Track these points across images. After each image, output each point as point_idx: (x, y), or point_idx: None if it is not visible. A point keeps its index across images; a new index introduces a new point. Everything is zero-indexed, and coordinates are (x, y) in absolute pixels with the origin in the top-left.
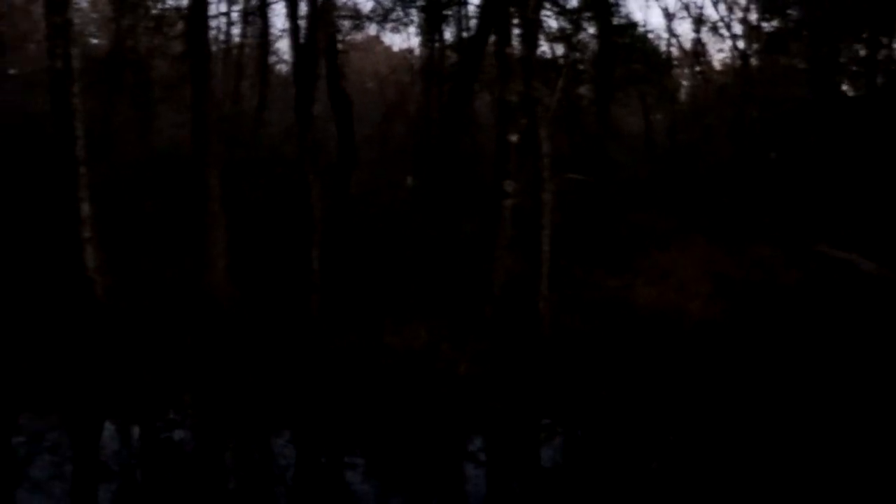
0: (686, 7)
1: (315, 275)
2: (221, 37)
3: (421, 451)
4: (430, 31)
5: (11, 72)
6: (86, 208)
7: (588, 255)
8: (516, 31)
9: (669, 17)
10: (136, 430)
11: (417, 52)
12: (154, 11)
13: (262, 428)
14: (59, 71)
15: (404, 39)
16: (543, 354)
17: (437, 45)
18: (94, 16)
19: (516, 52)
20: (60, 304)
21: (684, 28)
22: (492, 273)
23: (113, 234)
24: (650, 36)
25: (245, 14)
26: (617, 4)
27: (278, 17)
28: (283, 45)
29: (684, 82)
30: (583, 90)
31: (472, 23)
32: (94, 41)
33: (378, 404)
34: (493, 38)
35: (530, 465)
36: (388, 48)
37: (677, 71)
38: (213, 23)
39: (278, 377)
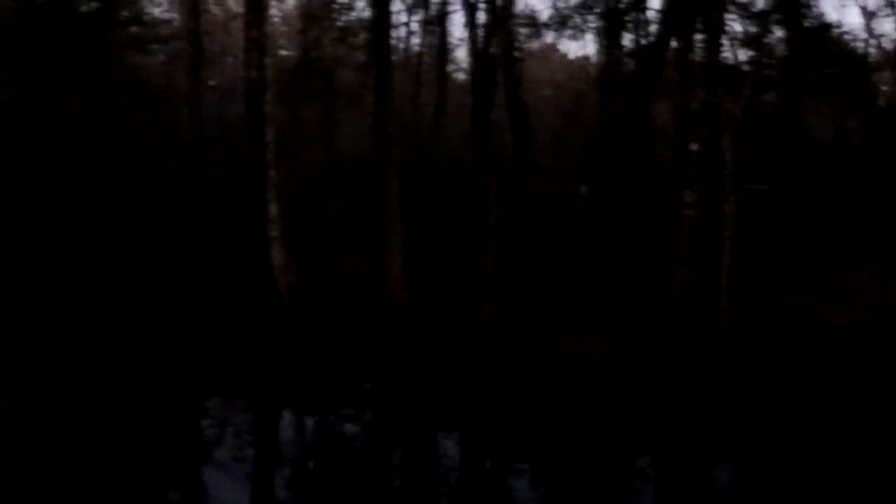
0: (891, 4)
1: (489, 280)
2: (401, 45)
3: (589, 461)
4: (608, 37)
5: (211, 83)
6: (273, 209)
7: (771, 270)
8: (699, 35)
9: (869, 15)
10: (312, 422)
11: (594, 59)
12: (339, 23)
13: (432, 428)
14: (254, 81)
15: (581, 46)
16: (720, 369)
17: (615, 51)
18: (284, 29)
19: (699, 58)
20: (247, 300)
21: (886, 27)
22: (669, 284)
23: (297, 234)
24: (846, 37)
25: (424, 23)
26: (808, 6)
27: (456, 27)
28: (461, 54)
29: (884, 86)
30: (769, 97)
31: (652, 28)
32: (284, 53)
33: (550, 412)
34: (674, 44)
35: (698, 485)
36: (565, 55)
37: (877, 74)
38: (393, 32)
39: (451, 380)
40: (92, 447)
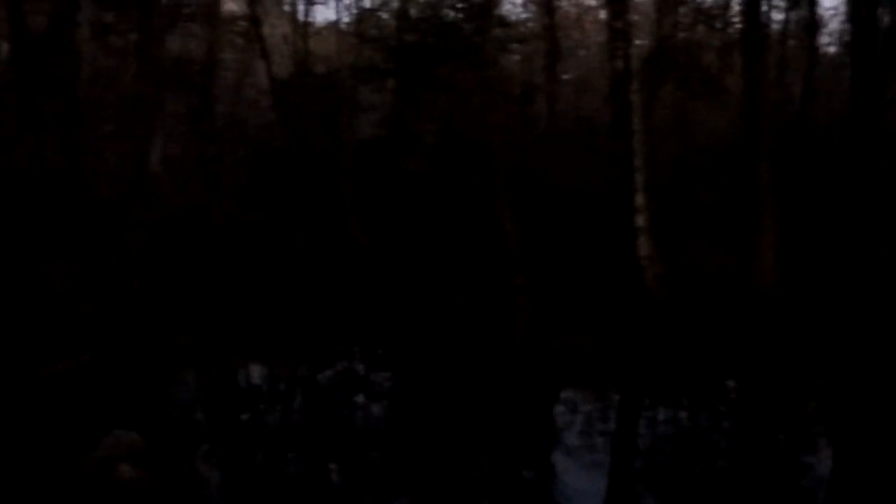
0: None
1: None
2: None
3: None
4: None
5: (565, 77)
6: (640, 198)
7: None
8: None
9: None
10: (670, 415)
11: None
12: (698, 5)
13: (807, 436)
14: (619, 71)
15: None
16: None
17: None
18: (636, 17)
19: None
20: (613, 291)
21: None
22: None
23: (660, 224)
24: None
25: None
26: None
27: None
28: (833, 26)
29: None
30: None
31: None
32: (637, 42)
33: None
34: None
35: None
36: None
37: None
38: None
39: (831, 384)
40: (456, 421)
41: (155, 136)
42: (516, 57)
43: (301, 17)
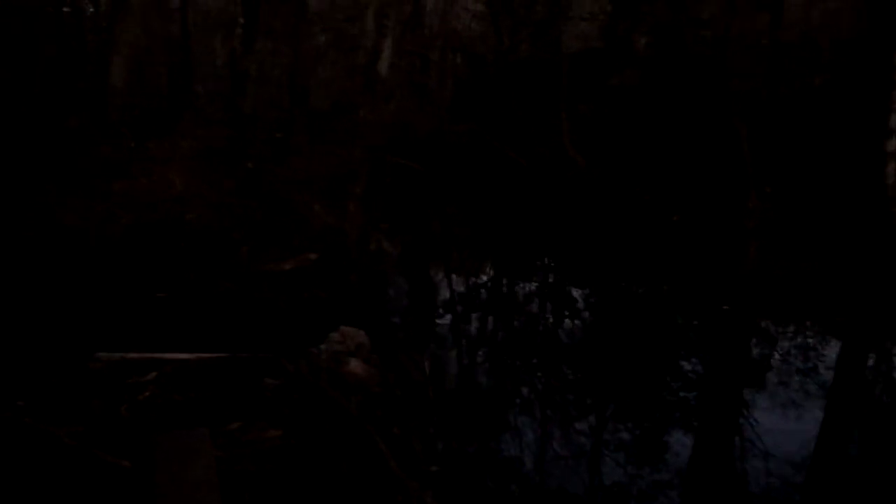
0: None
1: None
2: None
3: None
4: None
5: None
6: (894, 119)
7: None
8: None
9: None
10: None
11: None
12: None
13: None
14: None
15: None
16: None
17: None
18: None
19: None
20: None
21: None
22: None
23: None
24: None
25: None
26: None
27: None
28: None
29: None
30: None
31: None
32: None
33: None
34: None
35: None
36: None
37: None
38: None
39: None
40: (652, 347)
41: (384, 41)
42: None
43: None
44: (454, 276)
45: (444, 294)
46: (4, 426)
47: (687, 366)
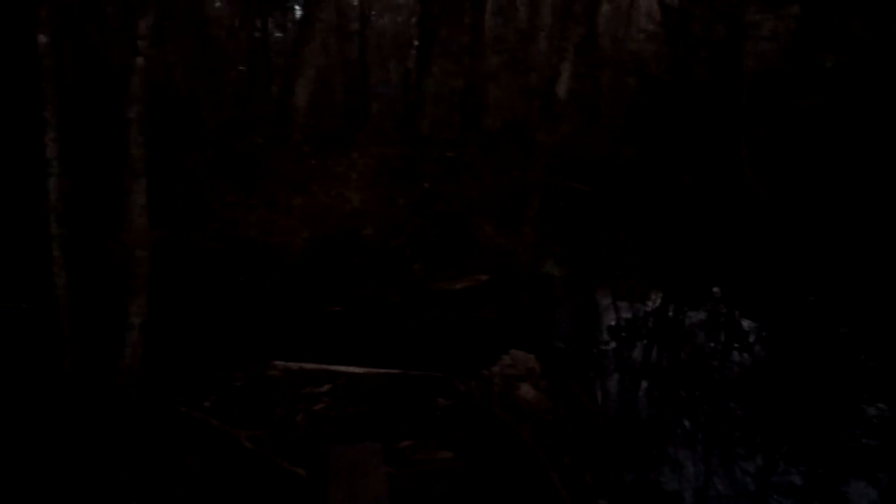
0: None
1: None
2: None
3: None
4: None
5: None
6: None
7: None
8: None
9: None
10: None
11: None
12: None
13: None
14: None
15: None
16: None
17: None
18: None
19: None
20: None
21: None
22: None
23: None
24: None
25: None
26: None
27: None
28: None
29: None
30: None
31: None
32: None
33: None
34: None
35: None
36: None
37: None
38: None
39: None
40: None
41: (563, 62)
42: None
43: None
44: (621, 303)
45: (610, 319)
46: (193, 425)
47: (872, 410)
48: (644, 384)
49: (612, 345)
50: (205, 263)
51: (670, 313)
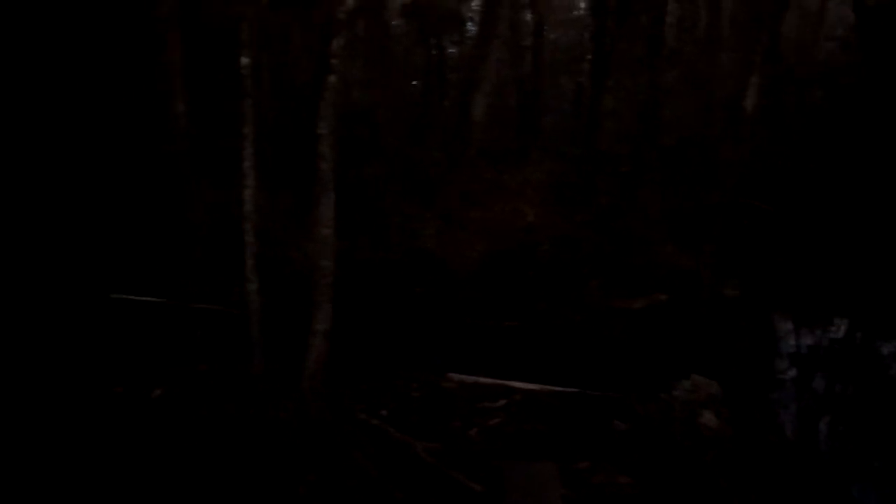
0: None
1: None
2: None
3: None
4: None
5: None
6: None
7: None
8: None
9: None
10: None
11: None
12: None
13: None
14: None
15: None
16: None
17: None
18: None
19: None
20: None
21: None
22: None
23: None
24: None
25: None
26: None
27: None
28: None
29: None
30: None
31: None
32: None
33: None
34: None
35: None
36: None
37: None
38: None
39: None
40: None
41: (751, 76)
42: None
43: None
44: (802, 328)
45: (790, 346)
46: (371, 433)
47: None
48: (826, 417)
49: (792, 373)
50: (383, 274)
51: (858, 342)
